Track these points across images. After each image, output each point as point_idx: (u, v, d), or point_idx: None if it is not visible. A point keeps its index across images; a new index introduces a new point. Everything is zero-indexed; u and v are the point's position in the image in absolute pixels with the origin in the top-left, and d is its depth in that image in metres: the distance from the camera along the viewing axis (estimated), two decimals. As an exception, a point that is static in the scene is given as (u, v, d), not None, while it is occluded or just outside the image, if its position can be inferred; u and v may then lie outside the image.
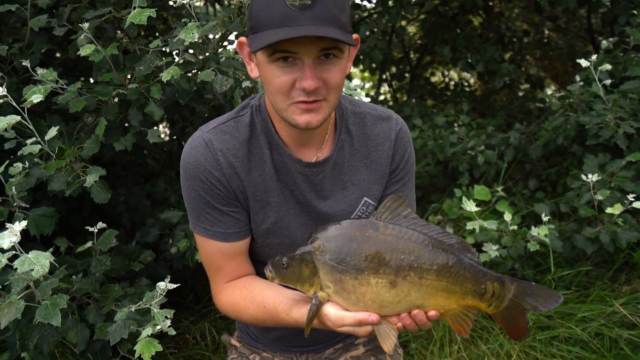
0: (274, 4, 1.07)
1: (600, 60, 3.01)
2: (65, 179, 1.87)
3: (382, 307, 1.13)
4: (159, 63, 1.96)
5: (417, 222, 1.16)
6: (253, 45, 1.11)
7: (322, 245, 1.14)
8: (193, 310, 2.93)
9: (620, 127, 2.69)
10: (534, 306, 1.19)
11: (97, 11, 2.00)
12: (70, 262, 2.12)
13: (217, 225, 1.32)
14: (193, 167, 1.27)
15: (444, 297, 1.14)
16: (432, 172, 3.97)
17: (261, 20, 1.09)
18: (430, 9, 4.77)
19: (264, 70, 1.16)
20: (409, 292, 1.12)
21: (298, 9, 1.06)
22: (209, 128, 1.31)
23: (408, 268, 1.11)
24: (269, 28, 1.08)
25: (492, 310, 1.18)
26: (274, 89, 1.15)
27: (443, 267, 1.13)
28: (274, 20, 1.07)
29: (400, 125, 1.42)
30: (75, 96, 1.98)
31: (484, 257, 2.65)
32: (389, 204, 1.16)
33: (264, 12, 1.09)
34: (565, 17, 5.91)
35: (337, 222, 1.18)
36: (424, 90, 5.52)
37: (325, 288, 1.15)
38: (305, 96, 1.14)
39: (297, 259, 1.16)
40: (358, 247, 1.12)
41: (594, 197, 2.62)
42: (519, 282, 1.18)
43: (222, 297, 1.40)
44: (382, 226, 1.14)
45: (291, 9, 1.06)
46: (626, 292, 2.76)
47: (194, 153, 1.28)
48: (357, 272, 1.11)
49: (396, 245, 1.12)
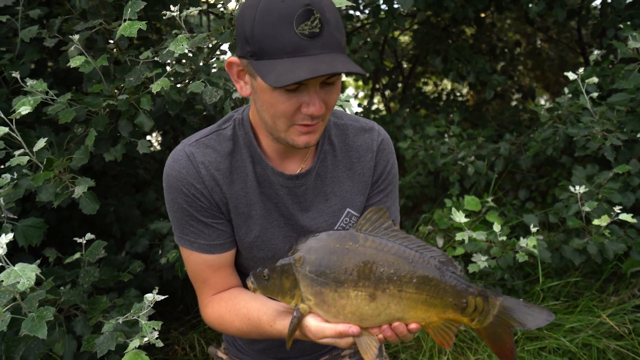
0: (281, 31, 1.05)
1: (588, 72, 3.05)
2: (53, 190, 1.87)
3: (362, 319, 1.13)
4: (149, 74, 1.97)
5: (397, 234, 1.15)
6: (268, 78, 1.06)
7: (303, 258, 1.14)
8: (182, 320, 2.93)
9: (607, 139, 2.72)
10: (522, 324, 1.15)
11: (88, 23, 2.01)
12: (59, 273, 2.12)
13: (201, 238, 1.33)
14: (175, 180, 1.28)
15: (424, 310, 1.13)
16: (423, 182, 3.99)
17: (268, 47, 1.07)
18: (422, 20, 4.81)
19: (265, 95, 1.14)
20: (388, 305, 1.12)
21: (308, 38, 1.05)
22: (191, 141, 1.31)
23: (387, 281, 1.11)
24: (279, 57, 1.06)
25: (476, 325, 1.17)
26: (278, 113, 1.15)
27: (423, 280, 1.12)
28: (285, 49, 1.05)
29: (383, 137, 1.43)
30: (65, 107, 1.99)
31: (473, 267, 2.67)
32: (370, 216, 1.15)
33: (271, 39, 1.06)
34: (557, 29, 5.97)
35: (318, 234, 1.17)
36: (417, 100, 5.55)
37: (306, 300, 1.15)
38: (310, 120, 1.15)
39: (278, 271, 1.16)
40: (338, 259, 1.12)
41: (582, 209, 2.64)
42: (506, 298, 1.16)
43: (209, 310, 1.40)
44: (362, 238, 1.14)
45: (301, 37, 1.05)
46: (614, 302, 2.78)
47: (176, 166, 1.28)
48: (337, 285, 1.11)
49: (375, 257, 1.12)
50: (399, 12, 3.98)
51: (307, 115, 1.14)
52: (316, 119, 1.15)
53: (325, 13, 1.06)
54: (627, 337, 2.53)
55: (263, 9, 1.06)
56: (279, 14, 1.04)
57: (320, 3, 1.06)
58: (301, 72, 1.03)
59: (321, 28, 1.06)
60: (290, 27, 1.04)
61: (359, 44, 4.49)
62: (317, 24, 1.05)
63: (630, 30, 2.86)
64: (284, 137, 1.19)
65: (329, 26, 1.07)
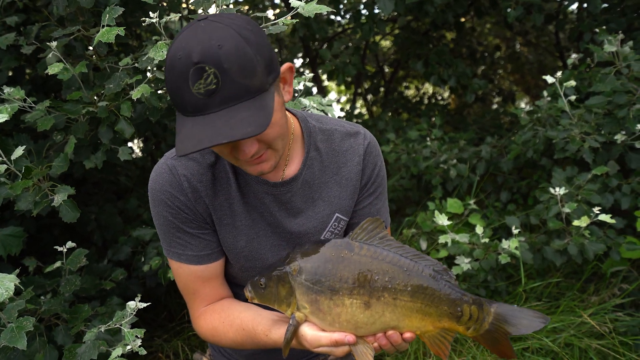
0: (180, 90, 1.03)
1: (566, 76, 3.10)
2: (32, 199, 1.85)
3: (357, 327, 1.13)
4: (129, 81, 1.96)
5: (392, 243, 1.16)
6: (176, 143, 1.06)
7: (299, 266, 1.15)
8: (166, 327, 2.90)
9: (585, 142, 2.76)
10: (517, 329, 1.16)
11: (66, 30, 1.99)
12: (39, 282, 2.09)
13: (188, 249, 1.32)
14: (159, 193, 1.28)
15: (419, 319, 1.14)
16: (406, 186, 4.01)
17: (176, 103, 1.07)
18: (402, 25, 4.84)
19: None
20: (383, 313, 1.13)
21: (204, 96, 1.02)
22: (173, 154, 1.30)
23: (382, 289, 1.12)
24: (184, 114, 1.06)
25: (472, 333, 1.17)
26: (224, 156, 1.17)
27: (417, 289, 1.12)
28: (187, 109, 1.05)
29: (369, 140, 1.43)
30: (44, 114, 1.97)
31: (457, 270, 2.68)
32: (366, 226, 1.16)
33: (174, 95, 1.06)
34: (535, 33, 6.06)
35: (314, 243, 1.19)
36: (399, 104, 5.59)
37: (301, 308, 1.16)
38: (249, 159, 1.15)
39: (275, 280, 1.17)
40: (333, 267, 1.13)
41: (562, 210, 2.67)
42: (500, 305, 1.17)
43: (201, 322, 1.39)
44: (357, 247, 1.15)
45: (198, 97, 1.02)
46: (595, 302, 2.82)
47: (159, 180, 1.28)
48: (332, 293, 1.12)
49: (370, 266, 1.13)
50: (379, 17, 4.01)
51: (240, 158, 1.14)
52: (255, 155, 1.14)
53: (222, 64, 1.01)
54: (608, 337, 2.56)
55: (168, 65, 1.05)
56: (178, 72, 1.03)
57: (215, 54, 1.01)
58: (189, 144, 1.02)
59: (217, 83, 1.01)
60: (187, 86, 1.02)
61: (340, 49, 4.51)
62: (212, 80, 1.01)
63: (606, 34, 2.91)
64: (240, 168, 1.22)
65: (227, 77, 1.02)
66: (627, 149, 2.82)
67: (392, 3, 3.31)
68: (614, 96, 2.79)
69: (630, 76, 2.83)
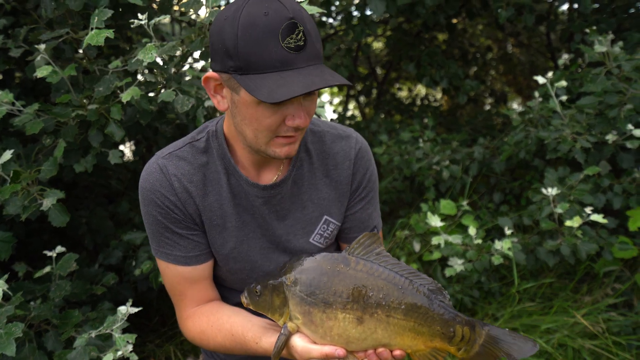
0: (268, 46, 1.04)
1: (558, 76, 3.10)
2: (21, 203, 1.83)
3: (348, 342, 1.14)
4: (119, 84, 1.94)
5: (388, 259, 1.17)
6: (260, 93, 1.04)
7: (294, 277, 1.16)
8: (158, 332, 2.88)
9: (577, 142, 2.77)
10: (507, 353, 1.17)
11: (55, 32, 1.97)
12: (29, 287, 2.07)
13: (177, 250, 1.31)
14: (149, 193, 1.27)
15: (411, 338, 1.14)
16: (399, 187, 4.01)
17: (255, 62, 1.06)
18: (394, 27, 4.85)
19: (249, 109, 1.13)
20: (375, 330, 1.13)
21: (294, 51, 1.06)
22: (164, 154, 1.31)
23: (375, 305, 1.12)
24: (266, 71, 1.06)
25: (462, 354, 1.17)
26: (261, 127, 1.15)
27: (411, 307, 1.13)
28: (273, 64, 1.05)
29: (361, 144, 1.43)
30: (33, 118, 1.95)
31: (450, 271, 2.68)
32: (363, 241, 1.17)
33: (257, 53, 1.06)
34: (527, 34, 6.07)
35: (311, 255, 1.19)
36: (391, 105, 5.59)
37: (294, 319, 1.16)
38: (293, 132, 1.16)
39: (270, 288, 1.18)
40: (328, 280, 1.13)
41: (555, 210, 2.67)
42: (492, 328, 1.18)
43: (189, 324, 1.38)
44: (354, 262, 1.15)
45: (288, 51, 1.05)
46: (588, 302, 2.82)
47: (150, 179, 1.28)
48: (326, 306, 1.12)
49: (365, 281, 1.13)
50: (371, 19, 4.01)
51: (291, 127, 1.14)
52: (299, 130, 1.16)
53: (306, 25, 1.07)
54: (602, 337, 2.57)
55: (246, 24, 1.05)
56: (263, 28, 1.04)
57: (302, 16, 1.07)
58: (295, 87, 1.03)
59: (305, 41, 1.06)
60: (277, 41, 1.04)
61: (332, 51, 4.50)
62: (302, 37, 1.06)
63: (596, 34, 2.92)
64: (265, 150, 1.19)
65: (310, 38, 1.08)
66: (619, 149, 2.83)
67: (384, 4, 3.31)
68: (605, 96, 2.80)
69: (621, 76, 2.84)
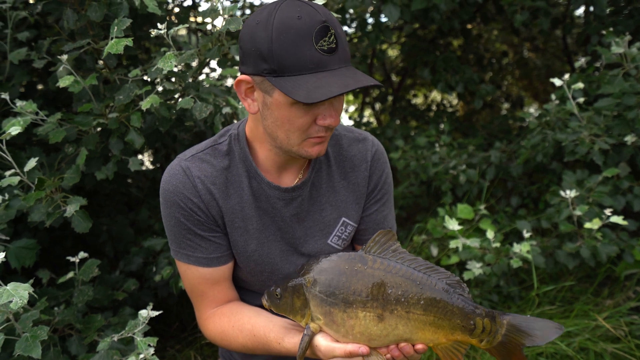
0: (302, 48, 1.08)
1: (575, 79, 3.09)
2: (45, 210, 1.87)
3: (370, 339, 1.15)
4: (139, 92, 1.99)
5: (405, 256, 1.18)
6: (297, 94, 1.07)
7: (313, 278, 1.18)
8: (179, 338, 2.91)
9: (595, 144, 2.75)
10: (532, 339, 1.16)
11: (76, 43, 2.02)
12: (53, 293, 2.11)
13: (198, 251, 1.33)
14: (172, 195, 1.29)
15: (432, 332, 1.16)
16: (416, 192, 4.01)
17: (289, 64, 1.09)
18: (409, 33, 4.86)
19: (282, 111, 1.16)
20: (396, 326, 1.14)
21: (327, 53, 1.09)
22: (187, 156, 1.33)
23: (395, 302, 1.13)
24: (301, 73, 1.09)
25: (485, 345, 1.18)
26: (294, 127, 1.17)
27: (430, 302, 1.14)
28: (307, 66, 1.08)
29: (377, 147, 1.45)
30: (56, 127, 2.00)
31: (468, 275, 2.67)
32: (378, 239, 1.19)
33: (291, 56, 1.08)
34: (542, 38, 6.04)
35: (328, 255, 1.21)
36: (407, 112, 5.59)
37: (316, 320, 1.18)
38: (324, 132, 1.18)
39: (290, 291, 1.20)
40: (347, 280, 1.15)
41: (573, 213, 2.65)
42: (513, 317, 1.17)
43: (210, 325, 1.40)
44: (371, 260, 1.17)
45: (322, 54, 1.09)
46: (609, 306, 2.78)
47: (172, 180, 1.30)
48: (346, 306, 1.14)
49: (384, 279, 1.15)
50: (385, 25, 4.03)
51: (323, 127, 1.17)
52: (330, 129, 1.19)
53: (337, 29, 1.11)
54: (624, 340, 2.53)
55: (280, 27, 1.09)
56: (297, 31, 1.08)
57: (332, 19, 1.11)
58: (332, 87, 1.07)
59: (337, 43, 1.10)
60: (311, 43, 1.08)
61: (347, 58, 4.53)
62: (334, 40, 1.10)
63: (613, 36, 2.91)
64: (297, 150, 1.22)
65: (341, 41, 1.12)
66: (638, 151, 2.80)
67: (398, 10, 3.33)
68: (623, 98, 2.78)
69: (638, 77, 2.82)
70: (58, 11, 2.14)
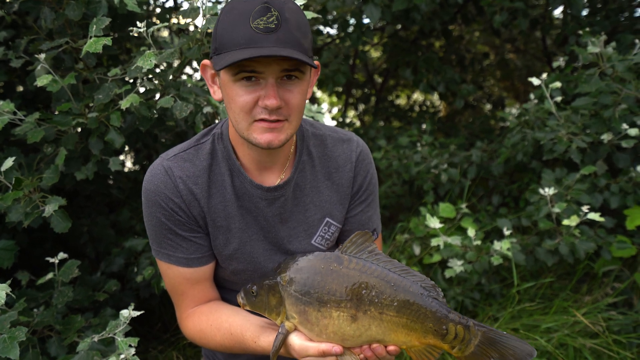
0: (238, 26, 1.11)
1: (553, 78, 3.13)
2: (23, 210, 1.85)
3: (344, 339, 1.16)
4: (118, 91, 1.98)
5: (380, 257, 1.19)
6: (217, 64, 1.13)
7: (289, 277, 1.18)
8: (161, 339, 2.89)
9: (573, 142, 2.79)
10: (503, 357, 1.17)
11: (54, 42, 2.01)
12: (32, 295, 2.09)
13: (179, 251, 1.33)
14: (153, 194, 1.29)
15: (405, 334, 1.17)
16: (399, 192, 4.03)
17: (225, 41, 1.13)
18: (391, 34, 4.89)
19: (227, 89, 1.19)
20: (369, 327, 1.15)
21: (263, 32, 1.10)
22: (169, 156, 1.32)
23: (369, 303, 1.14)
24: (233, 49, 1.11)
25: (457, 353, 1.19)
26: (237, 107, 1.17)
27: (404, 304, 1.15)
28: (239, 42, 1.11)
29: (361, 148, 1.45)
30: (34, 127, 1.98)
31: (450, 272, 2.69)
32: (355, 239, 1.20)
33: (228, 33, 1.12)
34: (523, 39, 6.12)
35: (305, 255, 1.21)
36: (389, 112, 5.62)
37: (290, 318, 1.19)
38: (267, 114, 1.16)
39: (266, 289, 1.21)
40: (322, 280, 1.16)
41: (552, 210, 2.69)
42: (489, 330, 1.18)
43: (189, 324, 1.40)
44: (347, 260, 1.18)
45: (256, 31, 1.10)
46: (588, 302, 2.83)
47: (154, 180, 1.29)
48: (320, 305, 1.15)
49: (359, 279, 1.15)
50: (367, 26, 4.05)
51: (264, 108, 1.16)
52: (274, 113, 1.17)
53: (284, 12, 1.11)
54: (602, 335, 2.57)
55: (227, 8, 1.14)
56: (238, 11, 1.11)
57: (282, 3, 1.12)
58: (241, 55, 1.08)
59: (277, 25, 1.10)
60: (247, 22, 1.10)
61: (329, 58, 4.55)
62: (274, 20, 1.10)
63: (590, 36, 2.96)
64: (247, 136, 1.21)
65: (286, 24, 1.11)
66: (615, 149, 2.85)
67: (379, 11, 3.35)
68: (599, 97, 2.83)
69: (614, 77, 2.87)
70: (36, 10, 2.12)
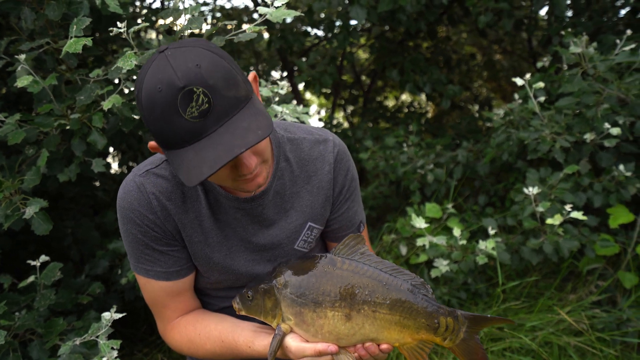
0: (172, 122, 1.01)
1: (536, 78, 3.16)
2: (4, 212, 1.83)
3: (339, 338, 1.20)
4: (100, 92, 1.96)
5: (372, 258, 1.24)
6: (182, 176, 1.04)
7: (284, 280, 1.22)
8: (146, 341, 2.88)
9: (556, 142, 2.81)
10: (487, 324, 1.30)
11: (34, 42, 1.99)
12: (13, 298, 2.07)
13: (157, 265, 1.31)
14: (127, 211, 1.26)
15: (398, 331, 1.21)
16: (385, 193, 4.04)
17: (168, 140, 1.04)
18: (377, 35, 4.91)
19: None
20: (363, 325, 1.19)
21: (200, 118, 1.00)
22: (142, 171, 1.29)
23: (362, 302, 1.19)
24: (182, 146, 1.04)
25: (448, 344, 1.25)
26: (220, 180, 1.16)
27: (396, 302, 1.19)
28: (183, 138, 1.02)
29: (339, 147, 1.43)
30: (15, 128, 1.96)
31: (435, 272, 2.70)
32: (348, 242, 1.24)
33: (167, 132, 1.03)
34: (509, 40, 6.17)
35: (299, 258, 1.26)
36: (377, 113, 5.64)
37: (286, 320, 1.22)
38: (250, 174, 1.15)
39: (261, 292, 1.24)
40: (317, 281, 1.20)
41: (536, 210, 2.71)
42: (473, 315, 1.25)
43: (175, 335, 1.38)
44: (340, 261, 1.22)
45: (193, 122, 1.00)
46: (572, 300, 2.85)
47: (127, 197, 1.26)
48: (315, 306, 1.19)
49: (351, 280, 1.20)
50: (353, 27, 4.06)
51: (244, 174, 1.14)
52: (255, 169, 1.15)
53: (207, 81, 1.00)
54: (586, 333, 2.59)
55: (147, 104, 1.03)
56: (161, 105, 1.00)
57: (198, 74, 1.00)
58: (204, 168, 1.01)
59: (209, 101, 1.00)
60: (178, 115, 1.00)
61: (317, 59, 4.55)
62: (203, 99, 1.00)
63: (572, 36, 2.98)
64: (235, 189, 1.22)
65: (216, 93, 1.01)
66: (598, 148, 2.88)
67: (365, 11, 3.36)
68: (582, 97, 2.85)
69: (596, 77, 2.90)
70: (16, 10, 2.10)
